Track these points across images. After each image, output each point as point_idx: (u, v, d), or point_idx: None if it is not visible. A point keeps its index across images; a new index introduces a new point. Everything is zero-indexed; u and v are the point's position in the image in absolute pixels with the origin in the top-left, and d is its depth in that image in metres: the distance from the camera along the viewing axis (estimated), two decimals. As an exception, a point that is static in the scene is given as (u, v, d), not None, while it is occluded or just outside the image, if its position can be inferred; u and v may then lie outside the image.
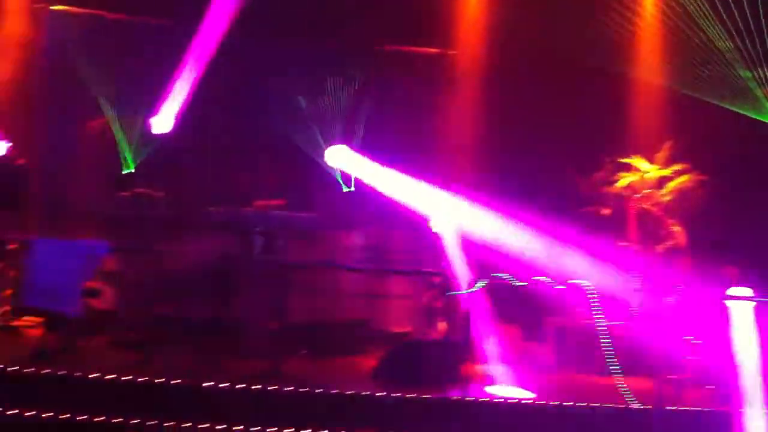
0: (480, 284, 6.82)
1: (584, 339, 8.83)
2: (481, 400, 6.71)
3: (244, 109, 10.58)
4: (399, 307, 10.00)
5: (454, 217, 8.99)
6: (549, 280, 7.12)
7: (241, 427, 6.01)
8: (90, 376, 6.36)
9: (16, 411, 5.84)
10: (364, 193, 10.30)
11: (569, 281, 7.49)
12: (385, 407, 6.59)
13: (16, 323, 8.38)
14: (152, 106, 9.88)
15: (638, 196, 9.63)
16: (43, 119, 10.06)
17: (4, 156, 8.63)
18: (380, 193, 9.88)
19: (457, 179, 9.71)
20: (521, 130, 10.19)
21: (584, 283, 7.47)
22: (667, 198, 9.59)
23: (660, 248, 9.42)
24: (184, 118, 9.92)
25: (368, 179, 10.05)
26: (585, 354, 8.75)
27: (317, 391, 6.62)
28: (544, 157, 10.11)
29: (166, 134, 9.85)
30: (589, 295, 7.67)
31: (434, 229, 8.94)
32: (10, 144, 8.67)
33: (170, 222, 8.63)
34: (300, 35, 10.41)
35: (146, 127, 9.71)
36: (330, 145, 10.17)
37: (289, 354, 8.19)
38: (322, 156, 10.17)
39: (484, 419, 6.47)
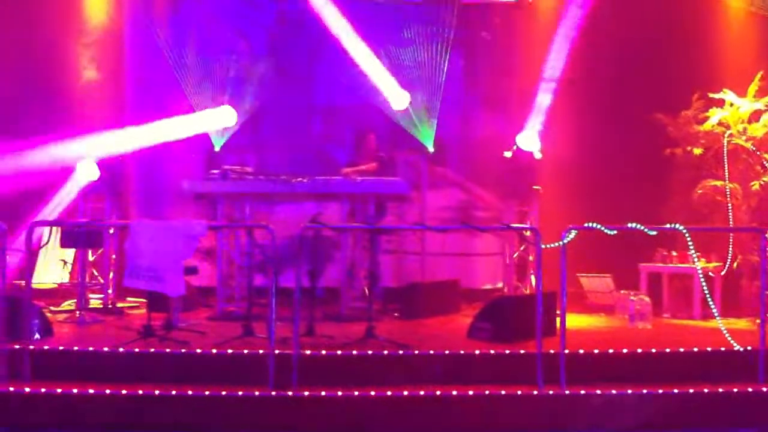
0: (571, 234, 6.71)
1: (679, 283, 8.74)
2: (579, 352, 6.68)
3: (324, 75, 10.68)
4: (490, 263, 10.06)
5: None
6: (640, 226, 6.95)
7: (340, 392, 6.15)
8: (197, 350, 6.64)
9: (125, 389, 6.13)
10: (450, 153, 10.36)
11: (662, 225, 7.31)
12: (483, 365, 6.65)
13: (120, 305, 8.83)
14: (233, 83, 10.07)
15: (730, 132, 9.32)
16: (133, 106, 10.41)
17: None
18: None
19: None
20: (604, 72, 10.01)
21: (678, 226, 7.27)
22: (762, 132, 9.26)
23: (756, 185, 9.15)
24: (263, 91, 10.07)
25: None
26: (681, 298, 8.69)
27: (414, 352, 6.74)
28: (629, 98, 9.92)
29: (250, 111, 10.04)
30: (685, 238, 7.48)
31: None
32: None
33: (261, 195, 8.83)
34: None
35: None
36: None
37: (383, 317, 8.36)
38: (406, 119, 10.16)
39: (579, 370, 6.45)
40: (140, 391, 6.10)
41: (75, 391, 6.08)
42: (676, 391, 6.29)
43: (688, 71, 9.67)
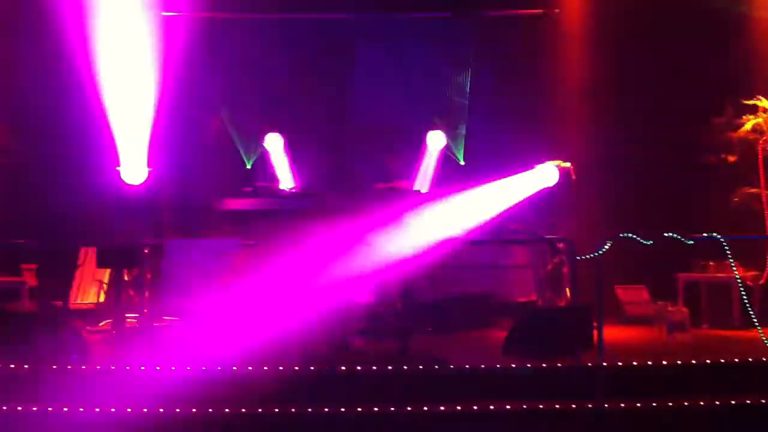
0: (606, 245, 6.66)
1: (717, 293, 8.62)
2: (618, 364, 6.58)
3: (350, 90, 10.73)
4: (523, 276, 9.97)
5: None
6: (677, 235, 6.88)
7: (376, 409, 6.12)
8: (233, 368, 6.60)
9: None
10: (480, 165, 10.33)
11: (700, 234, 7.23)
12: (519, 379, 6.59)
13: (155, 324, 8.86)
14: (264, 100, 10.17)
15: (765, 138, 9.20)
16: (164, 124, 10.49)
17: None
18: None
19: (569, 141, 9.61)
20: (634, 80, 9.94)
21: (715, 234, 7.19)
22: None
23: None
24: (294, 107, 10.15)
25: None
26: (719, 308, 8.57)
27: (450, 367, 6.69)
28: (660, 106, 9.85)
29: (279, 127, 10.11)
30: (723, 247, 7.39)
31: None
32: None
33: (292, 212, 8.86)
34: (402, 8, 10.50)
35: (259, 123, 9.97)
36: (438, 120, 10.19)
37: (416, 332, 8.31)
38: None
39: (618, 383, 6.36)
40: (177, 410, 6.12)
41: (113, 410, 6.12)
42: (717, 402, 6.19)
43: (720, 78, 9.58)
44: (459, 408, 6.13)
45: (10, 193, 9.39)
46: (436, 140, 9.75)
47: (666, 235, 6.85)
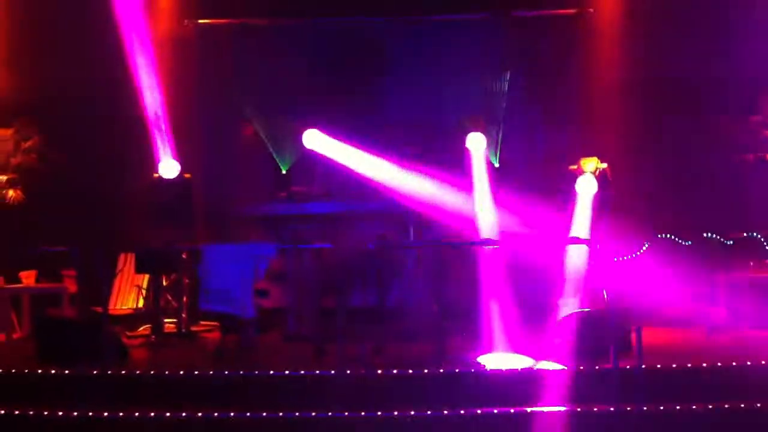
0: (644, 247, 6.60)
1: (758, 293, 8.49)
2: (657, 367, 6.51)
3: (383, 93, 10.74)
4: (560, 278, 9.91)
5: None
6: (717, 236, 6.80)
7: (413, 412, 6.12)
8: (270, 372, 6.66)
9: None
10: (515, 168, 10.28)
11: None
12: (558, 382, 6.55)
13: (194, 328, 8.96)
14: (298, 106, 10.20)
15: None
16: (199, 131, 10.59)
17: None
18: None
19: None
20: (668, 78, 9.86)
21: (755, 234, 7.09)
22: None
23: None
24: (327, 110, 10.18)
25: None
26: (760, 309, 8.43)
27: (486, 369, 6.67)
28: (696, 104, 9.75)
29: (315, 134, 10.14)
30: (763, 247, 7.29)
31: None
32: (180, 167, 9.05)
33: (327, 216, 8.89)
34: (435, 10, 10.50)
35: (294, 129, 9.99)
36: (473, 123, 10.13)
37: (452, 335, 8.29)
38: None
39: (658, 386, 6.30)
40: (216, 414, 6.18)
41: (152, 414, 6.19)
42: (759, 405, 6.10)
43: (756, 75, 9.46)
44: (496, 411, 6.12)
45: (49, 199, 9.52)
46: (476, 143, 9.70)
47: (705, 235, 6.76)
